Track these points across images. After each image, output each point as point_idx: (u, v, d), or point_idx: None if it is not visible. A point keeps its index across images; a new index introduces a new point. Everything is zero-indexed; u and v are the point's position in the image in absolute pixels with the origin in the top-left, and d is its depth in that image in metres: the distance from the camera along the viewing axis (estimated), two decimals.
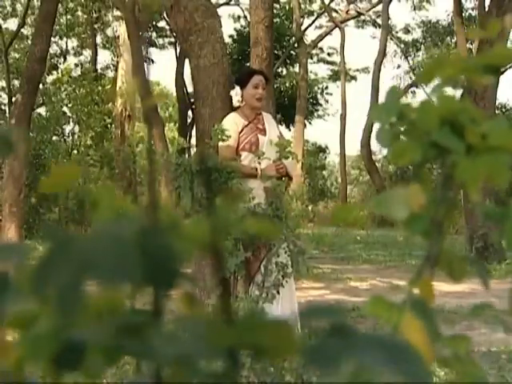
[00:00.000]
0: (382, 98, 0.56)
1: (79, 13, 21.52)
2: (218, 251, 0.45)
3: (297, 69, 22.45)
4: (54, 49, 21.98)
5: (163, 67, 27.59)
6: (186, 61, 11.03)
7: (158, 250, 0.41)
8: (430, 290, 0.50)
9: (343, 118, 22.68)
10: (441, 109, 0.50)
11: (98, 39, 22.72)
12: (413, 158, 0.50)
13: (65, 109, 17.56)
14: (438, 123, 0.49)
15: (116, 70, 17.05)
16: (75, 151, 17.26)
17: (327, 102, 26.45)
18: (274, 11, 16.55)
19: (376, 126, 0.53)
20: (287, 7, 23.30)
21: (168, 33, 22.98)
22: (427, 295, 0.50)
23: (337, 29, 23.60)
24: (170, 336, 0.41)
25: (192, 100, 18.55)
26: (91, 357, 0.40)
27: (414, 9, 24.88)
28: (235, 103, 4.20)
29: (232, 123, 4.02)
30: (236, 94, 4.20)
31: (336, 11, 24.93)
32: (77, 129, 17.70)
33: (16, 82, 19.77)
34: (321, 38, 24.54)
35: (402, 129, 0.51)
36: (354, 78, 27.71)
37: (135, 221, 0.43)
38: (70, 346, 0.39)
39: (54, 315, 0.39)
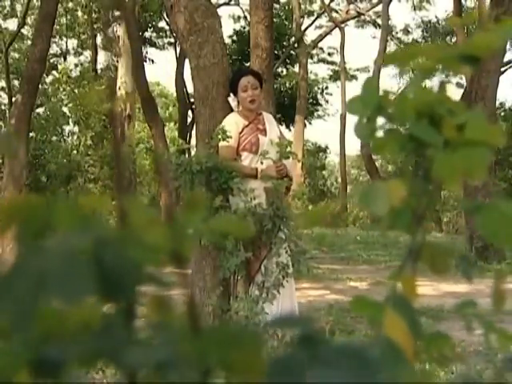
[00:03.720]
0: None
1: (79, 13, 21.52)
2: (181, 258, 0.44)
3: (297, 69, 22.45)
4: (54, 49, 22.00)
5: (163, 67, 27.60)
6: (186, 61, 11.02)
7: (113, 262, 0.41)
8: (412, 286, 0.50)
9: (343, 117, 22.68)
10: (417, 101, 0.49)
11: (98, 39, 22.73)
12: (393, 152, 0.49)
13: (64, 109, 17.57)
14: (415, 116, 0.49)
15: (116, 70, 17.05)
16: (75, 151, 17.26)
17: (327, 102, 26.46)
18: (274, 11, 16.55)
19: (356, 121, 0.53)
20: (287, 7, 23.29)
21: (168, 33, 22.98)
22: (410, 291, 0.49)
23: (337, 29, 23.60)
24: (143, 343, 0.40)
25: (192, 100, 18.55)
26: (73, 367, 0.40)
27: (414, 9, 24.89)
28: (234, 108, 4.19)
29: (232, 123, 4.01)
30: (233, 99, 4.20)
31: (336, 11, 24.94)
32: (76, 129, 17.72)
33: (16, 82, 19.78)
34: (321, 38, 24.55)
35: (381, 122, 0.51)
36: (354, 77, 27.72)
37: (92, 232, 0.42)
38: (46, 357, 0.39)
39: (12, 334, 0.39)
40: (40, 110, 17.58)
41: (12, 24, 35.74)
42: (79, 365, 0.41)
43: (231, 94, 4.22)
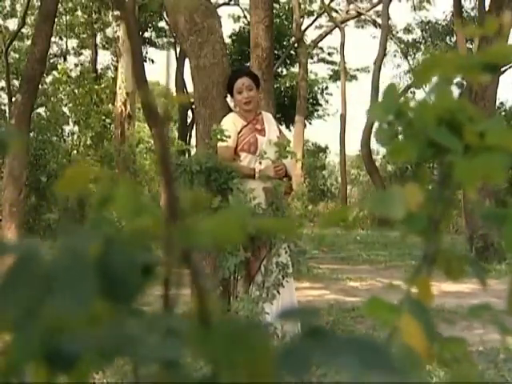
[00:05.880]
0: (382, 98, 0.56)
1: (79, 13, 21.52)
2: (190, 260, 0.44)
3: (297, 69, 22.45)
4: (54, 49, 22.00)
5: (163, 67, 27.62)
6: (186, 61, 11.02)
7: (120, 264, 0.41)
8: (427, 290, 0.50)
9: (343, 118, 22.68)
10: (438, 107, 0.49)
11: (98, 39, 22.73)
12: (410, 157, 0.50)
13: (64, 109, 17.56)
14: (435, 122, 0.49)
15: (116, 71, 17.06)
16: (75, 151, 17.26)
17: (327, 102, 26.47)
18: (274, 11, 16.54)
19: (376, 126, 0.53)
20: (287, 7, 23.30)
21: (168, 33, 22.99)
22: (425, 294, 0.49)
23: (337, 29, 23.61)
24: (159, 338, 0.41)
25: (192, 100, 18.55)
26: (83, 359, 0.40)
27: (414, 9, 24.89)
28: (233, 109, 4.20)
29: (231, 124, 4.02)
30: (230, 100, 4.22)
31: (336, 11, 24.95)
32: (76, 129, 17.71)
33: (16, 82, 19.78)
34: (321, 37, 24.56)
35: (400, 127, 0.51)
36: (354, 77, 27.73)
37: (100, 233, 0.42)
38: (60, 350, 0.39)
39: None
40: (40, 110, 17.58)
41: (12, 24, 35.73)
42: (93, 358, 0.41)
43: (228, 95, 4.24)
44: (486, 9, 10.37)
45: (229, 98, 4.25)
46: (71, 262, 0.40)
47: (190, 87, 20.73)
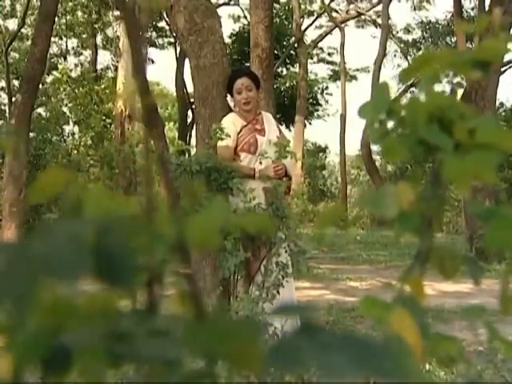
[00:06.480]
0: None
1: (79, 13, 21.52)
2: (186, 251, 0.44)
3: (297, 69, 22.46)
4: (54, 49, 22.00)
5: (163, 67, 27.62)
6: (186, 61, 11.03)
7: (114, 250, 0.41)
8: (420, 288, 0.50)
9: (343, 118, 22.68)
10: (429, 105, 0.49)
11: (98, 39, 22.74)
12: (403, 156, 0.50)
13: (64, 109, 17.57)
14: (426, 120, 0.49)
15: (116, 71, 17.06)
16: (75, 151, 17.25)
17: (327, 102, 26.50)
18: (274, 11, 16.55)
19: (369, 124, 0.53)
20: (287, 7, 23.30)
21: (168, 33, 23.00)
22: (418, 293, 0.49)
23: (337, 29, 23.61)
24: (155, 337, 0.41)
25: (192, 100, 18.55)
26: (84, 360, 0.40)
27: (414, 9, 24.89)
28: (233, 108, 4.20)
29: (230, 124, 4.01)
30: (230, 100, 4.22)
31: (336, 11, 24.96)
32: (76, 129, 17.72)
33: (16, 82, 19.79)
34: (321, 38, 24.58)
35: (392, 126, 0.51)
36: (354, 77, 27.74)
37: (95, 219, 0.43)
38: (57, 349, 0.39)
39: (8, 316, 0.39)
40: (40, 110, 17.59)
41: (12, 24, 35.75)
42: (90, 357, 0.40)
43: (228, 95, 4.24)
44: (486, 9, 10.36)
45: (229, 98, 4.25)
46: (67, 240, 0.40)
47: (190, 87, 20.75)
